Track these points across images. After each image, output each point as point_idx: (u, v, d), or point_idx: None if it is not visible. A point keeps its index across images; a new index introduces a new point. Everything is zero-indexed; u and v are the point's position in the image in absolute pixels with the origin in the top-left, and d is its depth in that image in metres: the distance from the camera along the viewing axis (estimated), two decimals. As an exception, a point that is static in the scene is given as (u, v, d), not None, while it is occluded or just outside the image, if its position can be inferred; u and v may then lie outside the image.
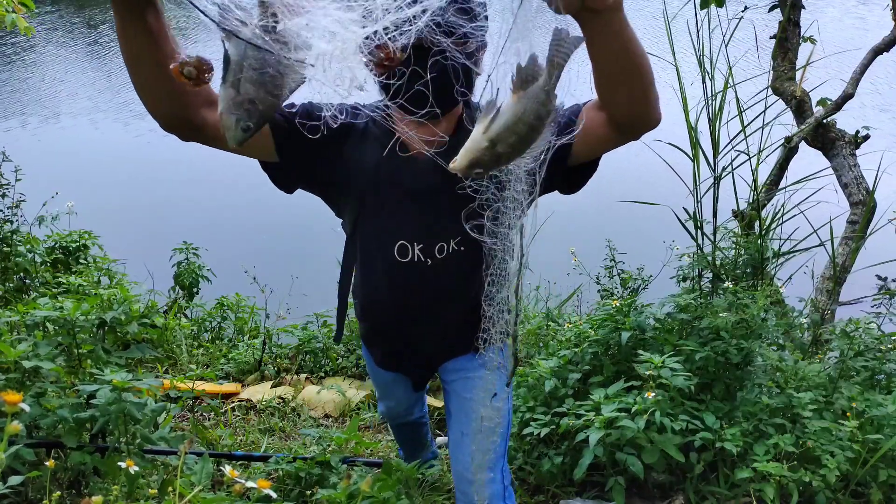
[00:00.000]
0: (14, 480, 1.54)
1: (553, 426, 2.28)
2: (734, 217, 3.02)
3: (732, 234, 2.79)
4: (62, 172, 6.04)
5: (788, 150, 3.27)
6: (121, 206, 5.78)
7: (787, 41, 3.37)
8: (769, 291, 2.65)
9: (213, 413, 3.01)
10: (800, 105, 3.36)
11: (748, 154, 2.75)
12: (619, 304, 2.57)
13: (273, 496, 1.27)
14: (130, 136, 7.35)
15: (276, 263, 4.69)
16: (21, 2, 2.76)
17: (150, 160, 6.52)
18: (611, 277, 3.76)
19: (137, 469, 1.84)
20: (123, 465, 1.70)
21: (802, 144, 3.33)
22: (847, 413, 2.28)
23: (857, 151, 3.30)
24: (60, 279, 3.52)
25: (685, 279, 2.75)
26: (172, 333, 3.59)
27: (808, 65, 3.28)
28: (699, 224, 2.73)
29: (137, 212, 5.78)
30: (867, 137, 3.32)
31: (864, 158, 3.27)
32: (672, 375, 2.18)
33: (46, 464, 1.67)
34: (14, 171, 3.71)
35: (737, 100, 2.77)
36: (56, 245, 3.86)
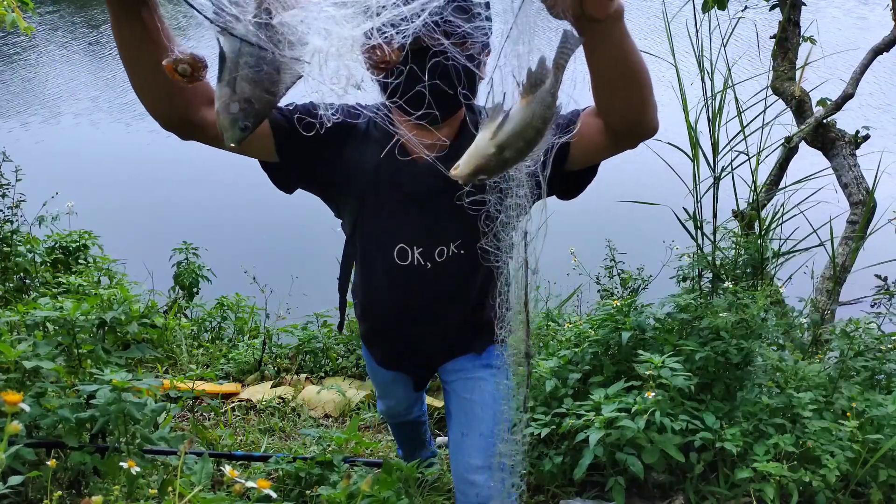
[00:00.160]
0: (14, 480, 1.54)
1: (553, 426, 2.28)
2: (734, 217, 3.02)
3: (732, 234, 2.79)
4: (62, 172, 6.03)
5: (788, 150, 3.27)
6: (121, 206, 5.77)
7: (787, 41, 3.37)
8: (769, 291, 2.64)
9: (213, 413, 3.01)
10: (800, 105, 3.36)
11: (748, 154, 2.75)
12: (619, 304, 2.56)
13: (273, 496, 1.27)
14: (131, 137, 7.35)
15: (276, 263, 4.69)
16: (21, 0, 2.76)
17: (150, 160, 6.52)
18: (611, 277, 3.76)
19: (138, 469, 1.83)
20: (124, 465, 1.69)
21: (802, 144, 3.33)
22: (847, 413, 2.28)
23: (857, 151, 3.30)
24: (60, 279, 3.52)
25: (685, 279, 2.75)
26: (172, 333, 3.59)
27: (808, 65, 3.28)
28: (699, 224, 2.73)
29: (137, 212, 5.77)
30: (867, 137, 3.32)
31: (864, 158, 3.27)
32: (672, 375, 2.18)
33: (47, 464, 1.67)
34: (14, 171, 3.71)
35: (736, 100, 2.77)
36: (56, 245, 3.86)
